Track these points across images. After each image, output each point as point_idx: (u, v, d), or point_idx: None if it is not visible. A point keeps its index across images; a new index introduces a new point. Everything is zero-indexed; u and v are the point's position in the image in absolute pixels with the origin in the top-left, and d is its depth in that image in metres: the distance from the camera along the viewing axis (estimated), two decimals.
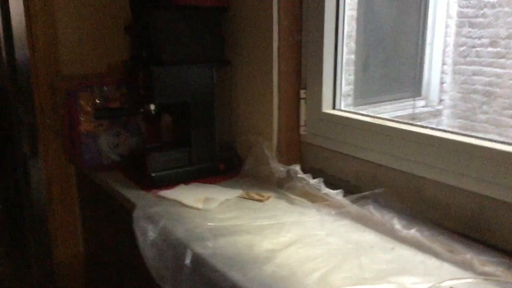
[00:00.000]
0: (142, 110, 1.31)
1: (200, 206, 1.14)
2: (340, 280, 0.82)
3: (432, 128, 1.01)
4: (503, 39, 3.42)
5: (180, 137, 1.38)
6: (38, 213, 2.07)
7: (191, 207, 1.14)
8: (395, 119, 1.09)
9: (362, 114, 1.16)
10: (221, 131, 1.40)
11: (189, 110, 1.31)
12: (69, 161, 1.59)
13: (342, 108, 1.25)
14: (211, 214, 1.11)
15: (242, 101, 1.38)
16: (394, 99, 3.73)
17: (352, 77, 3.35)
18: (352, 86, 3.40)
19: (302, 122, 1.28)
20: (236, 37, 1.36)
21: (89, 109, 1.34)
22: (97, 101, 1.36)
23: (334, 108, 1.23)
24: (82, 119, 1.34)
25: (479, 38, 3.60)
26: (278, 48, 1.23)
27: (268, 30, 1.23)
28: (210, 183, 1.30)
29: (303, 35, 1.25)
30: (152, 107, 1.29)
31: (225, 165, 1.36)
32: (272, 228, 1.03)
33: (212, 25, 1.30)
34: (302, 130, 1.29)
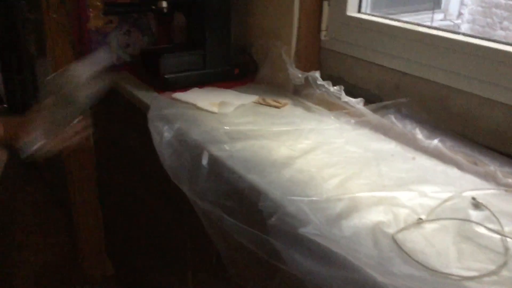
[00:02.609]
0: (153, 7, 1.23)
1: (215, 109, 1.11)
2: (359, 186, 0.81)
3: (464, 34, 0.95)
4: None
5: (194, 39, 1.32)
6: None
7: (206, 111, 1.11)
8: (425, 24, 1.03)
9: (390, 18, 1.09)
10: (236, 34, 1.34)
11: (204, 9, 1.24)
12: (77, 60, 1.54)
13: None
14: (226, 118, 1.08)
15: (260, 2, 1.30)
16: (413, 11, 3.56)
17: None
18: None
19: (323, 27, 1.21)
20: None
21: (98, 4, 1.26)
22: None
23: (359, 11, 1.16)
24: (91, 14, 1.27)
25: None
26: None
27: None
28: (224, 88, 1.26)
29: None
30: (164, 4, 1.22)
31: (240, 69, 1.31)
32: (289, 134, 1.01)
33: None
34: (323, 35, 1.22)
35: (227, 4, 1.25)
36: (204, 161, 0.91)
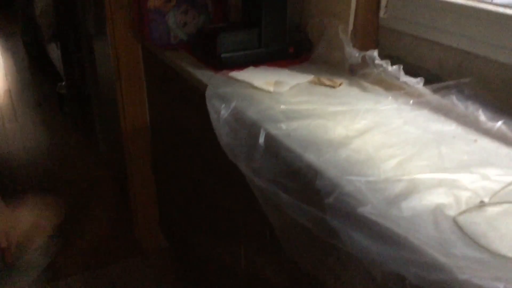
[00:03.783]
0: None
1: (271, 88, 1.12)
2: (419, 167, 0.80)
3: None
4: None
5: (249, 18, 1.32)
6: (104, 90, 2.14)
7: (261, 90, 1.12)
8: (490, 1, 0.98)
9: None
10: (291, 12, 1.33)
11: None
12: (137, 39, 1.58)
13: None
14: (282, 97, 1.09)
15: None
16: None
17: None
18: None
19: (383, 4, 1.18)
20: None
21: None
22: None
23: None
24: None
25: None
26: None
27: None
28: (279, 67, 1.26)
29: None
30: None
31: (295, 48, 1.31)
32: (345, 114, 1.00)
33: None
34: (382, 13, 1.19)
35: None
36: (261, 140, 0.92)
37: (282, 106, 1.03)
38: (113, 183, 2.43)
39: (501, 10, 0.95)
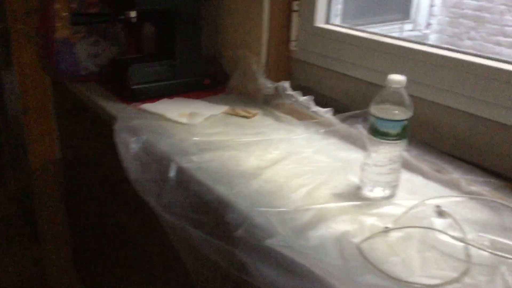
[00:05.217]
0: (121, 17, 1.22)
1: (184, 120, 1.10)
2: (327, 196, 0.81)
3: (429, 45, 0.97)
4: None
5: (163, 49, 1.31)
6: (13, 124, 2.02)
7: (175, 122, 1.10)
8: (391, 35, 1.04)
9: (357, 30, 1.11)
10: (206, 44, 1.34)
11: (173, 19, 1.23)
12: (44, 71, 1.51)
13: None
14: (196, 129, 1.08)
15: (229, 12, 1.30)
16: (382, 21, 3.62)
17: None
18: (340, 6, 3.28)
19: (293, 37, 1.22)
20: None
21: (65, 14, 1.24)
22: (74, 6, 1.26)
23: (327, 22, 1.17)
24: (57, 24, 1.25)
25: None
26: None
27: None
28: (195, 98, 1.25)
29: None
30: (133, 14, 1.21)
31: (210, 80, 1.31)
32: (259, 144, 1.01)
33: None
34: (293, 46, 1.23)
35: (196, 14, 1.25)
36: (172, 173, 0.90)
37: (195, 138, 1.02)
38: (23, 222, 2.27)
39: (398, 42, 1.02)
